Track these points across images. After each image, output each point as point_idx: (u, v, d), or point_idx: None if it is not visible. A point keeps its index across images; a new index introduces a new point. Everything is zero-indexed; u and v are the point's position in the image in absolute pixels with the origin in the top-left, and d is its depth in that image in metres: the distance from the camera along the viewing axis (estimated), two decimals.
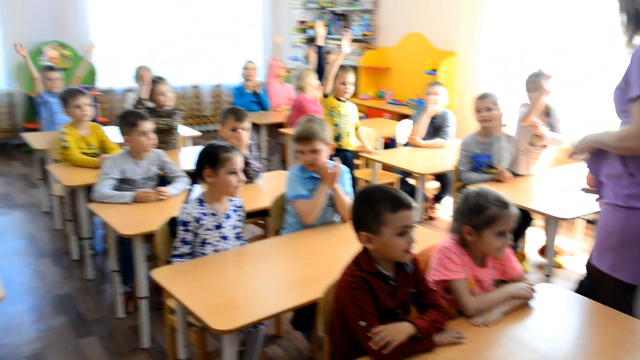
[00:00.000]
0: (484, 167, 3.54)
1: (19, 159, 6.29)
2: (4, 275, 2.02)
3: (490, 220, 1.82)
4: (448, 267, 1.84)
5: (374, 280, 1.67)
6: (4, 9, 6.26)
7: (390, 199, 1.66)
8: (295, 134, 2.57)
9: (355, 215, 1.73)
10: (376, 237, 1.66)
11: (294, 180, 2.55)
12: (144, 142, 3.02)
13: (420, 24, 6.26)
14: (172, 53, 7.52)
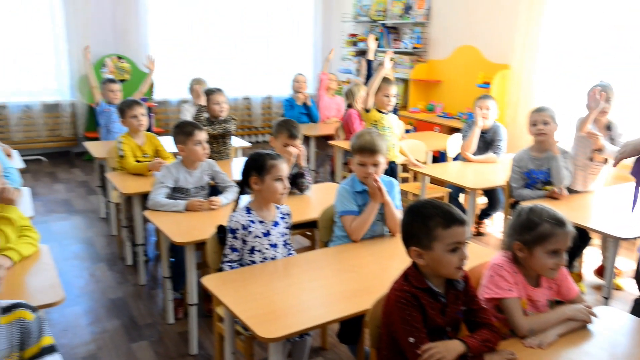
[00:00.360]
0: (538, 184, 3.43)
1: (79, 167, 6.58)
2: (63, 278, 2.11)
3: (542, 237, 1.76)
4: (500, 285, 1.79)
5: (424, 296, 1.64)
6: (69, 25, 6.60)
7: (443, 214, 1.63)
8: (357, 145, 2.52)
9: (406, 230, 1.71)
10: (427, 253, 1.63)
11: (345, 195, 2.54)
12: (199, 151, 3.10)
13: (473, 37, 6.18)
14: (225, 65, 7.71)
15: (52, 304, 1.83)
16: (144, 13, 6.96)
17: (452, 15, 6.46)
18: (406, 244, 1.70)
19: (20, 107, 6.57)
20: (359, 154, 2.51)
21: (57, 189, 5.63)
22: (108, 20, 6.86)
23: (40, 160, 6.75)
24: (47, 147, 6.85)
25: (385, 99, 4.12)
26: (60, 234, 4.42)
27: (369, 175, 2.48)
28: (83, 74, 6.70)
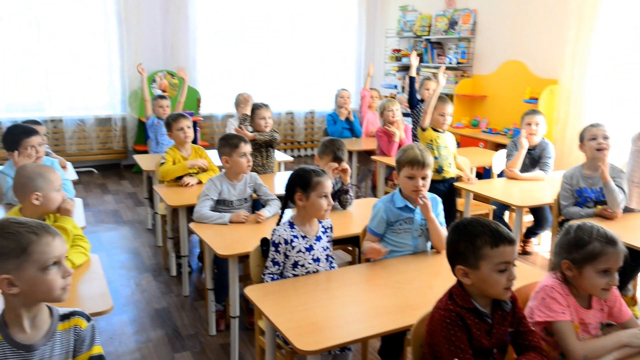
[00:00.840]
0: (589, 203, 3.31)
1: (128, 178, 6.79)
2: (111, 287, 2.18)
3: (592, 256, 1.70)
4: (552, 307, 1.73)
5: (469, 316, 1.60)
6: (122, 42, 6.87)
7: (491, 232, 1.59)
8: (406, 158, 2.49)
9: (452, 248, 1.68)
10: (474, 272, 1.60)
11: (377, 214, 2.53)
12: (243, 163, 3.15)
13: (520, 52, 6.07)
14: (269, 80, 7.84)
15: (101, 312, 1.89)
16: (192, 30, 7.18)
17: (499, 30, 6.37)
18: (452, 262, 1.67)
19: (74, 121, 6.86)
20: (408, 166, 2.48)
21: (106, 200, 5.83)
22: (158, 38, 7.11)
23: (92, 172, 7.01)
24: (98, 159, 7.12)
25: (441, 118, 4.09)
26: (109, 244, 4.56)
27: (417, 188, 2.46)
28: (134, 89, 6.95)
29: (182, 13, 7.06)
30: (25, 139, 3.13)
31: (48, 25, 6.50)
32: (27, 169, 2.33)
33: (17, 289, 1.38)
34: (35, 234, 1.41)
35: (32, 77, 6.55)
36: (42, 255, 1.40)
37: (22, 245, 1.38)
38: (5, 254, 1.37)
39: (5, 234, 1.38)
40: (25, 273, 1.38)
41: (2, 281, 1.37)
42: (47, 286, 1.41)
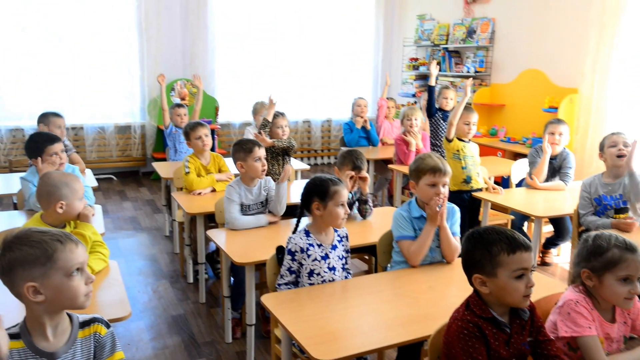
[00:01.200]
0: (609, 211, 3.26)
1: (147, 186, 6.87)
2: (128, 293, 2.20)
3: (612, 263, 1.68)
4: (578, 322, 1.69)
5: (487, 326, 1.59)
6: (142, 52, 6.98)
7: (507, 239, 1.58)
8: (427, 166, 2.47)
9: (468, 257, 1.67)
10: (491, 280, 1.58)
11: (401, 220, 2.51)
12: (258, 167, 3.16)
13: (539, 61, 6.03)
14: (286, 89, 7.87)
15: (119, 318, 1.91)
16: (211, 40, 7.26)
17: (517, 39, 6.34)
18: (468, 271, 1.66)
19: (95, 129, 6.97)
20: (429, 174, 2.45)
21: (125, 207, 5.90)
22: (178, 47, 7.21)
23: (111, 179, 7.11)
24: (117, 166, 7.21)
25: (466, 127, 4.08)
26: (127, 250, 4.61)
27: (439, 195, 2.43)
28: (153, 98, 7.04)
29: (201, 23, 7.14)
30: (48, 146, 3.19)
31: (70, 35, 6.62)
32: (52, 177, 2.36)
33: (43, 297, 1.40)
34: (60, 241, 1.43)
35: (54, 86, 6.67)
36: (66, 263, 1.42)
37: (48, 253, 1.40)
38: (31, 261, 1.39)
39: (30, 243, 1.40)
40: (50, 280, 1.40)
41: (28, 289, 1.39)
42: (72, 293, 1.43)
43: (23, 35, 6.42)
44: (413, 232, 2.49)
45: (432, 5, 7.72)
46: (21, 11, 6.36)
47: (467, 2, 7.00)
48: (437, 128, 5.28)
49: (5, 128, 6.49)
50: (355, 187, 3.18)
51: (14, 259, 1.39)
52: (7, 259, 1.40)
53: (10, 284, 1.41)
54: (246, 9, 7.49)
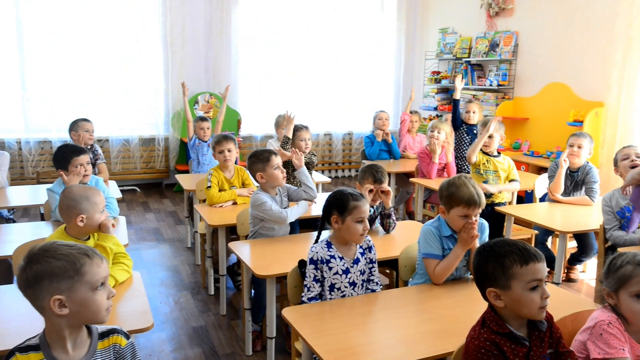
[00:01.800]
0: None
1: (169, 197, 6.95)
2: (151, 304, 2.22)
3: (623, 279, 1.67)
4: (611, 343, 1.65)
5: (505, 342, 1.56)
6: (167, 65, 7.10)
7: (519, 251, 1.57)
8: (462, 198, 2.36)
9: (481, 271, 1.65)
10: (506, 293, 1.57)
11: (430, 237, 2.45)
12: (278, 175, 3.19)
13: (564, 74, 5.96)
14: (308, 102, 7.92)
15: (142, 329, 1.92)
16: (234, 54, 7.36)
17: (541, 52, 6.28)
18: (481, 285, 1.65)
19: (120, 141, 7.09)
20: (463, 207, 2.36)
21: (148, 218, 5.97)
22: (201, 61, 7.32)
23: (134, 191, 7.21)
24: (141, 178, 7.32)
25: (488, 139, 4.08)
26: (149, 261, 4.65)
27: (472, 226, 2.36)
28: (177, 111, 7.15)
29: (224, 37, 7.25)
30: (74, 157, 3.26)
31: (97, 50, 6.78)
32: (73, 191, 2.40)
33: (67, 310, 1.41)
34: (88, 256, 1.45)
35: (81, 99, 6.81)
36: (93, 277, 1.44)
37: (76, 267, 1.42)
38: (59, 274, 1.40)
39: (57, 255, 1.42)
40: (77, 294, 1.42)
41: (54, 302, 1.39)
42: (96, 307, 1.45)
43: (51, 50, 6.59)
44: (441, 250, 2.44)
45: (455, 19, 7.71)
46: (49, 26, 6.54)
47: (490, 15, 6.98)
48: (461, 141, 5.25)
49: (34, 140, 6.65)
50: (377, 201, 3.16)
51: (41, 272, 1.40)
52: (34, 271, 1.40)
53: (33, 297, 1.42)
54: (269, 23, 7.58)
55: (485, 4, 7.00)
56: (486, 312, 1.64)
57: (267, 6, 7.53)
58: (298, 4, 7.67)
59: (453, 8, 7.73)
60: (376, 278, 2.45)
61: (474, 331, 1.63)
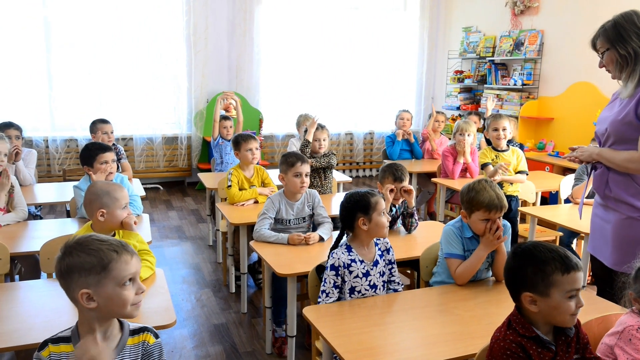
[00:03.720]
0: None
1: (192, 195, 7.02)
2: (173, 301, 2.26)
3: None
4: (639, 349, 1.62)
5: (531, 345, 1.54)
6: (190, 64, 7.17)
7: (561, 259, 1.54)
8: (483, 202, 2.35)
9: (517, 274, 1.61)
10: (543, 300, 1.54)
11: (452, 236, 2.44)
12: (297, 183, 3.18)
13: (590, 73, 5.85)
14: (330, 101, 7.93)
15: (165, 326, 1.95)
16: (257, 53, 7.39)
17: (567, 51, 6.18)
18: (515, 288, 1.61)
19: (143, 140, 7.19)
20: (484, 211, 2.35)
21: (171, 216, 6.04)
22: (224, 60, 7.37)
23: (157, 189, 7.30)
24: (164, 176, 7.41)
25: (494, 133, 4.06)
26: (172, 259, 4.71)
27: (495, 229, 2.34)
28: (199, 110, 7.22)
29: (247, 37, 7.29)
30: (100, 154, 3.32)
31: (121, 49, 6.88)
32: (96, 186, 2.46)
33: (95, 304, 1.45)
34: (116, 252, 1.48)
35: (106, 98, 6.93)
36: (120, 273, 1.47)
37: (104, 262, 1.45)
38: (87, 269, 1.44)
39: (88, 251, 1.46)
40: (104, 289, 1.45)
41: (82, 295, 1.44)
42: (122, 301, 1.48)
43: (77, 49, 6.71)
44: (463, 251, 2.43)
45: (478, 17, 7.63)
46: (75, 26, 6.66)
47: (515, 13, 6.89)
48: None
49: (60, 138, 6.78)
50: (399, 200, 3.14)
51: (72, 265, 1.45)
52: (66, 263, 1.45)
53: (66, 288, 1.47)
54: (291, 23, 7.60)
55: (510, 2, 6.91)
56: (512, 314, 1.62)
57: (290, 5, 7.55)
58: (320, 4, 7.67)
59: (477, 6, 7.65)
60: (397, 278, 2.44)
61: (499, 332, 1.61)
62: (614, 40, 2.28)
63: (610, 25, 2.32)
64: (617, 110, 2.34)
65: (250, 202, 3.78)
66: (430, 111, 6.40)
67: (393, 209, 3.16)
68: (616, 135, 2.32)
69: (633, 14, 2.28)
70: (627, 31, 2.25)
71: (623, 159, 2.28)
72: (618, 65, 2.30)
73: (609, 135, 2.36)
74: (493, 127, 4.08)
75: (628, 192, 2.31)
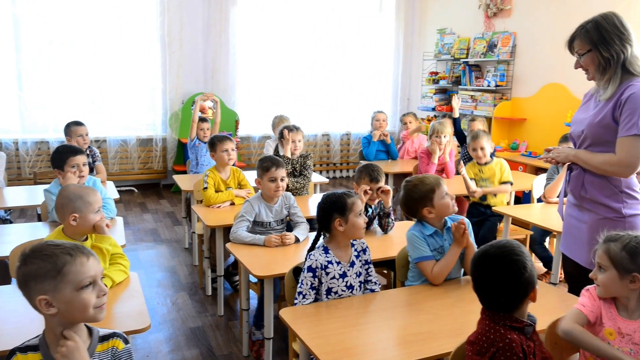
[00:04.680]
0: None
1: (167, 198, 6.93)
2: (148, 305, 2.22)
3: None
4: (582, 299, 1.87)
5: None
6: (165, 65, 7.09)
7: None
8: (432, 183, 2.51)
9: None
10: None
11: (417, 240, 2.47)
12: (271, 187, 3.18)
13: (561, 74, 5.97)
14: (306, 102, 7.93)
15: (139, 330, 1.92)
16: (232, 54, 7.35)
17: (539, 53, 6.29)
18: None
19: (117, 142, 7.08)
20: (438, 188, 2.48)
21: (146, 219, 5.96)
22: (199, 61, 7.31)
23: (132, 191, 7.19)
24: (139, 178, 7.30)
25: (474, 153, 4.22)
26: (147, 262, 4.64)
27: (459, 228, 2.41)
28: (175, 111, 7.14)
29: (222, 38, 7.24)
30: (70, 157, 3.26)
31: (95, 50, 6.77)
32: (68, 190, 2.40)
33: (55, 310, 1.42)
34: (70, 254, 1.45)
35: (79, 100, 6.80)
36: (77, 276, 1.44)
37: (58, 266, 1.42)
38: (42, 275, 1.42)
39: (42, 256, 1.43)
40: (61, 293, 1.42)
41: (41, 302, 1.42)
42: (82, 305, 1.45)
43: (49, 49, 6.58)
44: (430, 251, 2.46)
45: (453, 20, 7.72)
46: (47, 25, 6.52)
47: (488, 16, 6.99)
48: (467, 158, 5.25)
49: (31, 140, 6.63)
50: (375, 200, 3.16)
51: (28, 273, 1.43)
52: (22, 272, 1.44)
53: (27, 297, 1.45)
54: (267, 24, 7.58)
55: (483, 5, 7.01)
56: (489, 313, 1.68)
57: (266, 6, 7.53)
58: (296, 5, 7.67)
59: (451, 9, 7.74)
60: (374, 278, 2.45)
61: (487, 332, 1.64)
62: (597, 42, 2.27)
63: (592, 27, 2.30)
64: (594, 112, 2.35)
65: (227, 204, 3.75)
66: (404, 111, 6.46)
67: (369, 209, 3.17)
68: (593, 137, 2.34)
69: (613, 16, 2.29)
70: (609, 33, 2.25)
71: (601, 161, 2.30)
72: (600, 68, 2.30)
73: (585, 137, 2.38)
74: (472, 148, 4.20)
75: (604, 193, 2.34)
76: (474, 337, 1.63)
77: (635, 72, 2.25)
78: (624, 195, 2.31)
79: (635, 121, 2.16)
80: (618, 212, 2.31)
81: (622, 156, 2.21)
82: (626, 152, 2.20)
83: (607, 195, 2.34)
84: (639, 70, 2.26)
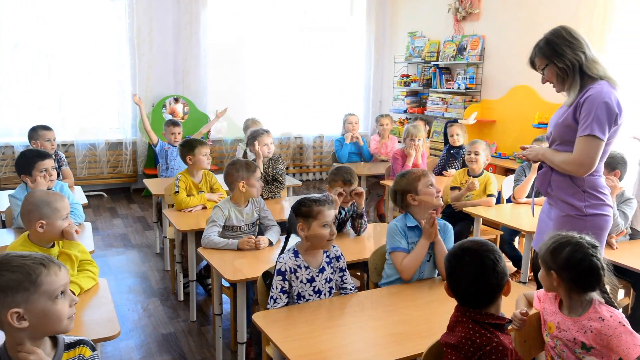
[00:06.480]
0: None
1: (137, 202, 6.82)
2: (118, 311, 2.18)
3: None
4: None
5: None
6: (134, 68, 6.98)
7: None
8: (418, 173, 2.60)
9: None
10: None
11: (396, 231, 2.51)
12: (245, 190, 3.16)
13: (529, 77, 6.07)
14: (278, 105, 7.90)
15: (108, 337, 1.88)
16: (203, 56, 7.27)
17: (507, 56, 6.41)
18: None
19: (85, 145, 6.93)
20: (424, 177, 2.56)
21: (116, 224, 5.85)
22: (169, 64, 7.22)
23: (101, 196, 7.05)
24: (108, 183, 7.17)
25: (468, 157, 4.31)
26: (117, 268, 4.56)
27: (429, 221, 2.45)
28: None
29: (193, 40, 7.17)
30: (39, 162, 3.17)
31: (62, 52, 6.62)
32: (34, 196, 2.34)
33: (27, 323, 1.37)
34: (43, 265, 1.40)
35: (45, 102, 6.64)
36: (51, 286, 1.40)
37: (32, 278, 1.37)
38: (13, 287, 1.36)
39: (11, 268, 1.37)
40: (35, 305, 1.38)
41: (12, 315, 1.35)
42: (57, 316, 1.41)
43: (15, 52, 6.41)
44: (406, 244, 2.49)
45: (423, 23, 7.80)
46: (13, 28, 6.36)
47: (457, 19, 7.09)
48: (448, 163, 5.30)
49: None
50: (349, 202, 3.17)
51: None
52: None
53: None
54: (238, 26, 7.53)
55: (452, 8, 7.11)
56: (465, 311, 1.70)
57: (236, 9, 7.48)
58: (267, 8, 7.64)
59: (421, 12, 7.83)
60: (349, 284, 2.46)
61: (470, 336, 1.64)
62: (551, 56, 2.45)
63: (543, 43, 2.51)
64: (560, 114, 2.52)
65: (199, 208, 3.71)
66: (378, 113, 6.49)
67: (342, 211, 3.18)
68: (559, 137, 2.48)
69: (561, 29, 2.47)
70: (559, 45, 2.43)
71: (560, 160, 2.43)
72: (559, 78, 2.47)
73: (554, 138, 2.53)
74: (468, 150, 4.28)
75: (567, 192, 2.44)
76: (456, 341, 1.61)
77: (594, 75, 2.38)
78: (586, 195, 2.41)
79: (590, 122, 2.29)
80: (580, 211, 2.41)
81: (577, 155, 2.34)
82: (580, 152, 2.33)
83: (570, 194, 2.43)
84: (598, 73, 2.38)
